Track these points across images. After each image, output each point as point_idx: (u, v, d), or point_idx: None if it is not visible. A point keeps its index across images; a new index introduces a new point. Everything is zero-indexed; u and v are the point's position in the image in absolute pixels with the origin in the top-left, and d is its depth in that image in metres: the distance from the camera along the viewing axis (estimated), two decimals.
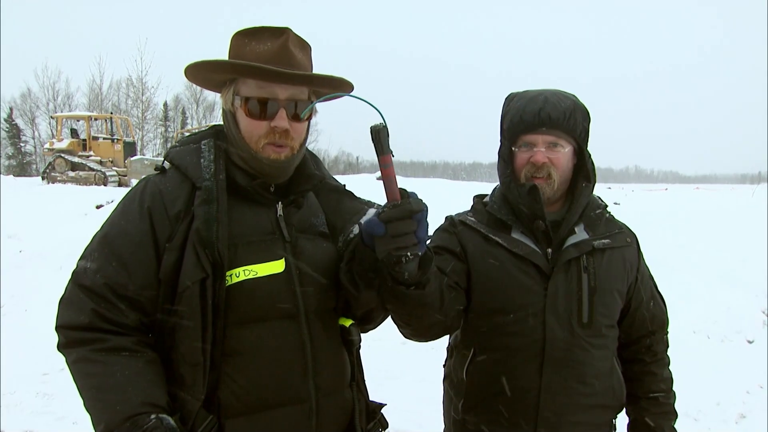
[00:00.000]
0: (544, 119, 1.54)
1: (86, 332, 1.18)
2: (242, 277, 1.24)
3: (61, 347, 1.23)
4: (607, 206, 1.73)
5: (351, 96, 1.26)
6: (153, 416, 1.13)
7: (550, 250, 1.60)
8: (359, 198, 1.49)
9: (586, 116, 1.62)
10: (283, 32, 1.26)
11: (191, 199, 1.25)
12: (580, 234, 1.62)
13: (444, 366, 1.85)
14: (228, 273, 1.22)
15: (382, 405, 1.50)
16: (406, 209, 1.11)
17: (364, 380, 1.49)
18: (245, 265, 1.24)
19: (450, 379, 1.77)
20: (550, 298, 1.56)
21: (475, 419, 1.66)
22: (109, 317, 1.19)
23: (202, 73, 1.31)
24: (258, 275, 1.25)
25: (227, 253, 1.21)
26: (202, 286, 1.19)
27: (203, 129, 1.42)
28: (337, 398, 1.36)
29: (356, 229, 1.36)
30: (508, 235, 1.63)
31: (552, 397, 1.56)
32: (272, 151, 1.27)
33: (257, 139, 1.27)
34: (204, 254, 1.19)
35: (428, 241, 1.21)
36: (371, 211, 1.39)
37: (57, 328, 1.23)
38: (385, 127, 1.11)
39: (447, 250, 1.65)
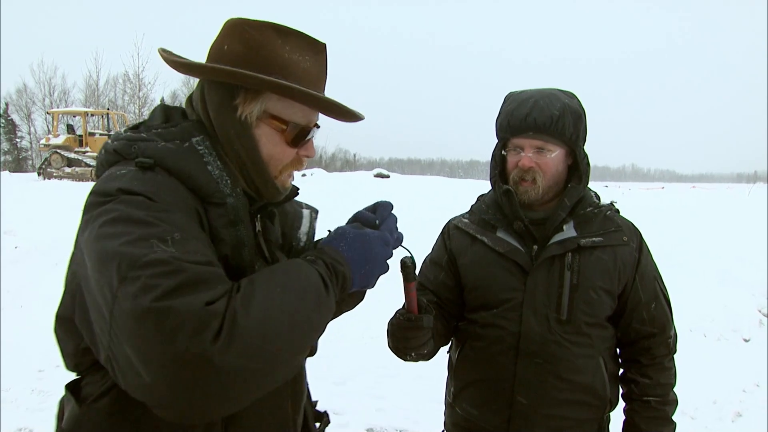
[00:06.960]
0: (530, 124, 1.57)
1: (227, 298, 0.84)
2: None
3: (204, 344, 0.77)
4: (601, 203, 1.70)
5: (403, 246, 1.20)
6: None
7: (536, 248, 1.63)
8: (295, 200, 1.32)
9: (578, 118, 1.61)
10: (321, 49, 1.11)
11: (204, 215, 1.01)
12: (568, 232, 1.62)
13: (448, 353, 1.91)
14: None
15: (315, 402, 1.38)
16: (418, 325, 1.37)
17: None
18: None
19: (449, 365, 1.85)
20: (528, 293, 1.61)
21: (462, 404, 1.73)
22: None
23: (212, 75, 1.07)
24: None
25: None
26: None
27: (172, 123, 1.08)
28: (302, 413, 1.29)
29: (303, 237, 1.28)
30: (493, 234, 1.69)
31: (526, 389, 1.60)
32: (289, 180, 1.15)
33: (282, 167, 1.11)
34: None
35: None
36: (306, 213, 1.32)
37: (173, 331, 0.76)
38: (413, 261, 1.26)
39: (435, 263, 1.79)
